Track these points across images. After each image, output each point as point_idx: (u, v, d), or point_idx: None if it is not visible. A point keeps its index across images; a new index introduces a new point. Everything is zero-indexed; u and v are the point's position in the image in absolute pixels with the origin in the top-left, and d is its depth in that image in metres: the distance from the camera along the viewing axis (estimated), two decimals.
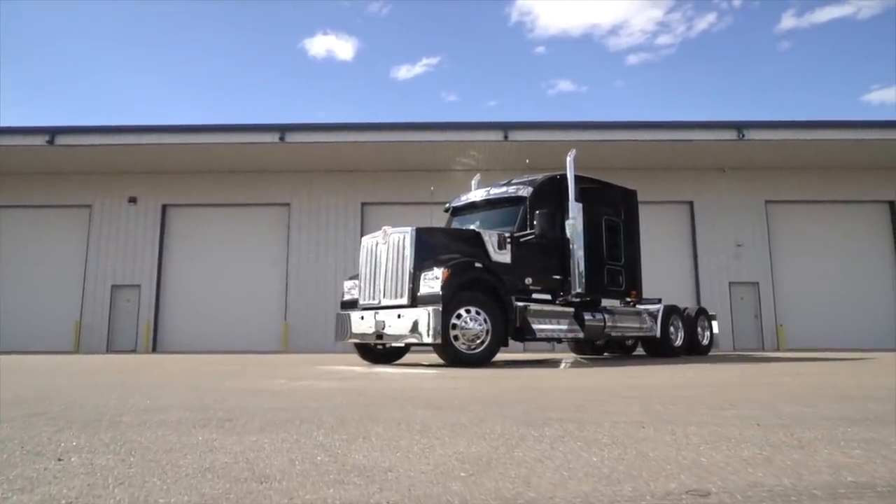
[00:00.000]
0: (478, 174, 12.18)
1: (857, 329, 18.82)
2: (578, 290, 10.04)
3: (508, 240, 9.32)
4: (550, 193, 10.20)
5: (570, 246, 10.05)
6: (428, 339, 7.95)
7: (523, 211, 9.60)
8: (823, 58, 59.85)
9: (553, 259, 9.99)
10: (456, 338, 8.12)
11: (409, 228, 8.66)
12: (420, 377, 6.03)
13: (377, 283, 8.85)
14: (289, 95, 68.66)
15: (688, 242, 19.90)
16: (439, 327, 7.85)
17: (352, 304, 9.35)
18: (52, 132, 17.52)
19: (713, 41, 58.25)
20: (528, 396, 3.94)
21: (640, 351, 13.58)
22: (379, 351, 9.76)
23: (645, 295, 12.48)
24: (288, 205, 20.08)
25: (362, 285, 9.11)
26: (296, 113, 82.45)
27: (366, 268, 9.10)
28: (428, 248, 8.62)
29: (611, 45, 59.20)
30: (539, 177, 10.42)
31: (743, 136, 16.97)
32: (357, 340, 9.12)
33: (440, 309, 7.88)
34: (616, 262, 11.16)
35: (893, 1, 49.35)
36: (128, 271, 19.89)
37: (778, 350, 18.31)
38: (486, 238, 9.14)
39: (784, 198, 19.84)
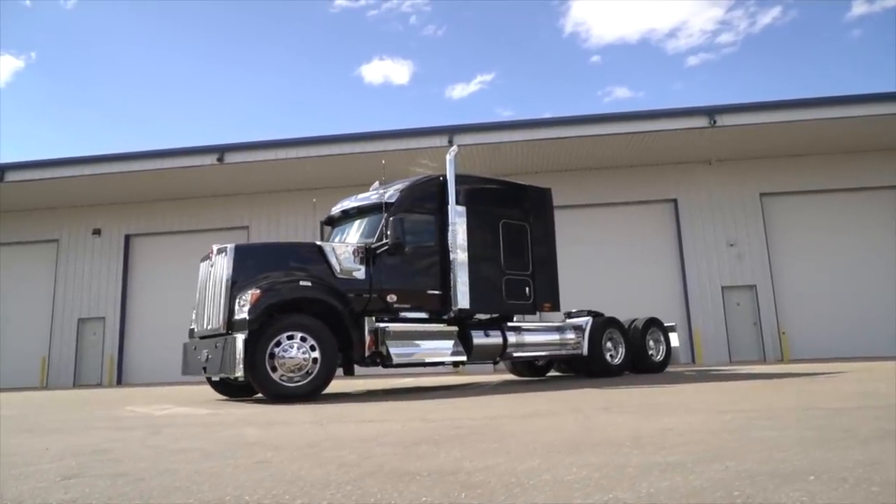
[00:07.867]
0: (376, 181, 11.01)
1: (870, 333, 16.37)
2: (461, 306, 8.72)
3: (362, 252, 8.14)
4: (427, 198, 9.00)
5: (451, 256, 8.76)
6: (237, 373, 6.85)
7: (385, 219, 8.39)
8: None
9: (428, 272, 8.73)
10: (275, 369, 6.99)
11: (229, 246, 7.63)
12: (179, 435, 4.90)
13: (205, 309, 7.84)
14: (346, 124, 68.21)
15: (673, 245, 17.97)
16: (245, 358, 6.76)
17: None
18: (2, 169, 17.45)
19: (778, 36, 53.76)
20: None
21: None
22: (239, 384, 8.70)
23: (614, 308, 11.11)
24: (247, 227, 19.39)
25: (196, 312, 8.13)
26: None
27: (200, 292, 8.11)
28: (251, 268, 7.57)
29: (669, 48, 56.15)
30: (416, 179, 9.23)
31: (715, 122, 15.14)
32: (193, 376, 8.11)
33: (246, 337, 6.78)
34: (521, 272, 9.75)
35: None
36: (93, 303, 19.62)
37: (782, 361, 16.16)
38: (328, 251, 7.98)
39: (781, 189, 17.68)
